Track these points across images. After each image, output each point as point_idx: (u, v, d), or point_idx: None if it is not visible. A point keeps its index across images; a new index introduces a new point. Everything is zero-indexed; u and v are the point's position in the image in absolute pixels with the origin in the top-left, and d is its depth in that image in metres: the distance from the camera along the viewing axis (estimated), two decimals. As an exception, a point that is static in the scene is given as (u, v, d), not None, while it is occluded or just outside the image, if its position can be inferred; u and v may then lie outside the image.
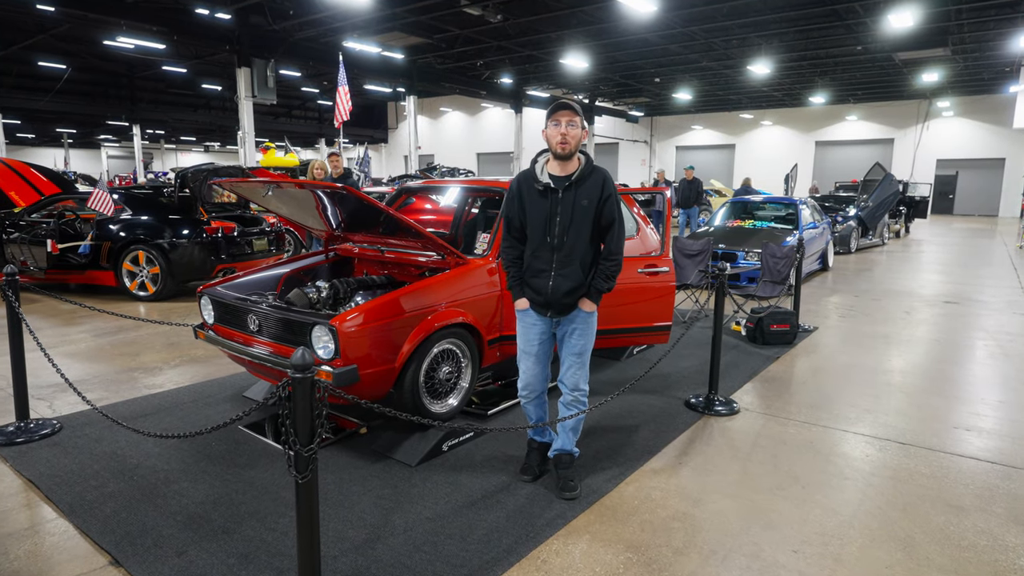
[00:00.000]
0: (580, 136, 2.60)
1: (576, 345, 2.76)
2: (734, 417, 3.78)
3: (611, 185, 2.67)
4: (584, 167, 2.65)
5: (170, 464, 3.04)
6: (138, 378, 4.39)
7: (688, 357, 4.96)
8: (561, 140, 2.58)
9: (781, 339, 5.38)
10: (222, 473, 2.94)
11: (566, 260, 2.65)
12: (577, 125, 2.58)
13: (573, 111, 2.57)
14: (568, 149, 2.59)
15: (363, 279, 3.70)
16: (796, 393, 4.22)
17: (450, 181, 4.58)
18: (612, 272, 2.69)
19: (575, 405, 2.80)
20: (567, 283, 2.65)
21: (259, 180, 3.19)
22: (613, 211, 2.66)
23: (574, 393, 2.79)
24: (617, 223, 2.67)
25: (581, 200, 2.62)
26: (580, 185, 2.63)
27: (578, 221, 2.63)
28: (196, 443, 3.27)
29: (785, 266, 5.82)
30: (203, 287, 3.62)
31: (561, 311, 2.72)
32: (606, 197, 2.65)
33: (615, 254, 2.69)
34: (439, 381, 3.29)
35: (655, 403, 3.94)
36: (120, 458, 3.10)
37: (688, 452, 3.27)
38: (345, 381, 2.81)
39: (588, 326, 2.75)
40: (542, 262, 2.68)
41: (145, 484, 2.85)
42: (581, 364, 2.78)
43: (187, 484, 2.85)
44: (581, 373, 2.79)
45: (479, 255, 3.58)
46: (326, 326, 2.84)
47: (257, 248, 7.60)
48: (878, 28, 15.39)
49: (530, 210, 2.69)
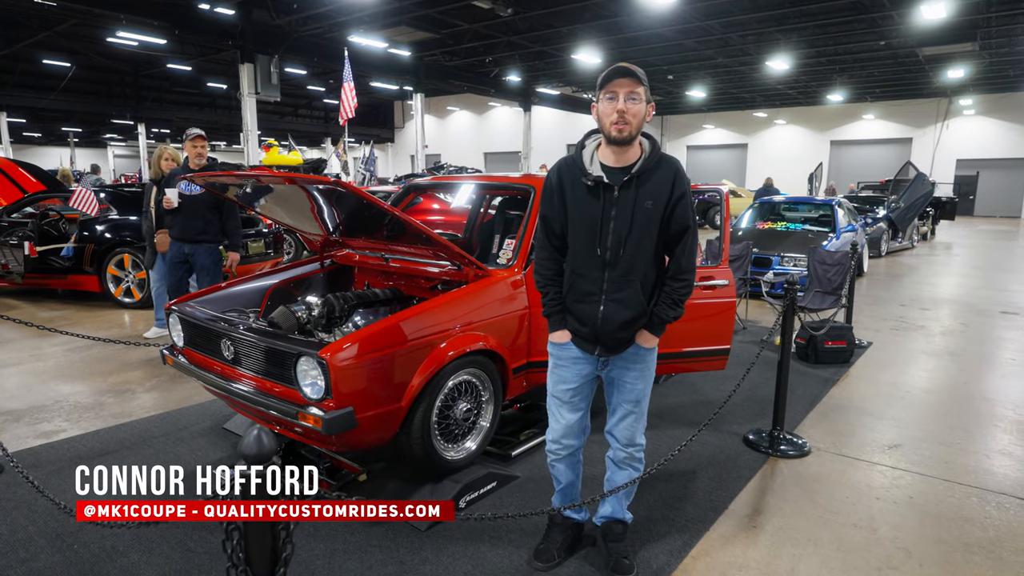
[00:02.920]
0: (644, 114, 1.95)
1: (633, 390, 2.13)
2: (805, 459, 3.16)
3: (684, 180, 2.02)
4: (648, 156, 2.00)
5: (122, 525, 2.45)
6: (105, 403, 3.82)
7: (733, 379, 4.31)
8: (618, 120, 1.92)
9: (837, 358, 4.76)
10: (184, 540, 2.36)
11: (622, 280, 2.01)
12: (640, 99, 1.92)
13: (635, 79, 1.92)
14: (628, 132, 1.93)
15: (364, 293, 3.11)
16: (871, 427, 3.60)
17: (465, 177, 3.98)
18: (681, 296, 2.07)
19: (628, 464, 2.19)
20: (623, 312, 2.02)
21: (235, 173, 2.61)
22: (687, 215, 2.02)
23: (628, 449, 2.18)
24: (691, 231, 2.04)
25: (644, 200, 1.98)
26: (643, 180, 1.99)
27: (640, 228, 1.99)
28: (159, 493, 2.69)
29: (838, 274, 5.19)
30: (172, 302, 3.04)
31: (614, 348, 2.09)
32: (679, 197, 1.99)
33: (686, 272, 2.06)
34: (455, 421, 2.69)
35: (708, 440, 3.34)
36: (63, 517, 2.52)
37: (762, 510, 2.66)
38: (338, 428, 2.22)
39: (647, 366, 2.14)
40: (589, 282, 2.05)
41: (87, 555, 2.27)
42: (639, 414, 2.16)
43: (139, 556, 2.27)
44: (638, 425, 2.17)
45: (502, 265, 2.98)
46: (314, 358, 2.25)
47: (253, 251, 7.04)
48: (905, 21, 14.74)
49: (574, 212, 2.03)
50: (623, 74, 1.91)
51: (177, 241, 4.70)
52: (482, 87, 22.17)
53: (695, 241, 2.06)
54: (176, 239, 4.71)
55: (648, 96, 1.96)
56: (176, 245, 4.71)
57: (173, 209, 4.60)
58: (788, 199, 9.72)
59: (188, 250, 4.69)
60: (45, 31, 17.46)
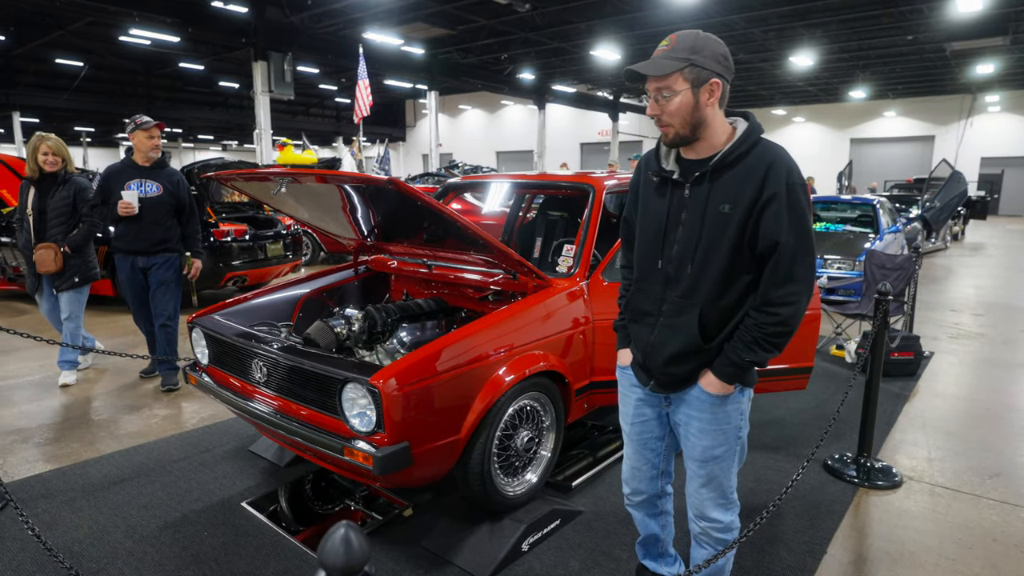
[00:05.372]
0: (691, 104, 1.50)
1: (696, 446, 1.67)
2: (897, 491, 2.82)
3: (781, 177, 1.49)
4: (735, 144, 1.53)
5: (143, 569, 2.16)
6: (120, 421, 3.54)
7: (793, 394, 4.00)
8: (657, 123, 1.55)
9: (903, 370, 4.40)
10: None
11: (682, 303, 1.60)
12: (674, 90, 1.49)
13: (656, 76, 1.50)
14: (672, 133, 1.54)
15: (406, 305, 2.80)
16: (960, 452, 3.25)
17: (509, 176, 3.67)
18: (765, 335, 1.53)
19: (705, 541, 1.75)
20: (674, 341, 1.60)
21: (269, 172, 2.30)
22: (778, 226, 1.48)
23: (700, 523, 1.73)
24: (785, 248, 1.49)
25: (719, 202, 1.53)
26: (721, 176, 1.54)
27: (711, 236, 1.54)
28: (181, 533, 2.40)
29: (899, 279, 4.82)
30: (195, 315, 2.74)
31: (667, 385, 1.67)
32: (768, 199, 1.48)
33: (776, 305, 1.52)
34: (515, 452, 2.38)
35: (784, 466, 3.00)
36: (76, 558, 2.23)
37: (866, 555, 2.32)
38: (393, 467, 1.91)
39: (716, 419, 1.64)
40: (648, 300, 1.67)
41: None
42: (707, 479, 1.68)
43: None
44: (710, 493, 1.69)
45: (562, 274, 2.66)
46: (364, 385, 1.94)
47: (271, 253, 6.76)
48: (935, 15, 14.30)
49: (643, 212, 1.70)
50: (638, 77, 1.51)
51: (129, 255, 3.85)
52: (496, 85, 21.85)
53: (798, 262, 1.50)
54: (127, 252, 3.84)
55: (694, 77, 1.48)
56: (128, 260, 3.85)
57: (128, 216, 3.74)
58: (826, 198, 9.32)
59: (144, 264, 3.85)
60: (58, 30, 17.37)
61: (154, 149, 3.88)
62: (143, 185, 3.83)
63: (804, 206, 1.51)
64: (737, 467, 1.72)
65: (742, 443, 1.70)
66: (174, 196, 3.91)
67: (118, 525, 2.44)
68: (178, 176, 3.98)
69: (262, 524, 2.45)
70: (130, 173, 3.84)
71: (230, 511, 2.54)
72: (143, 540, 2.34)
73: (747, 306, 1.58)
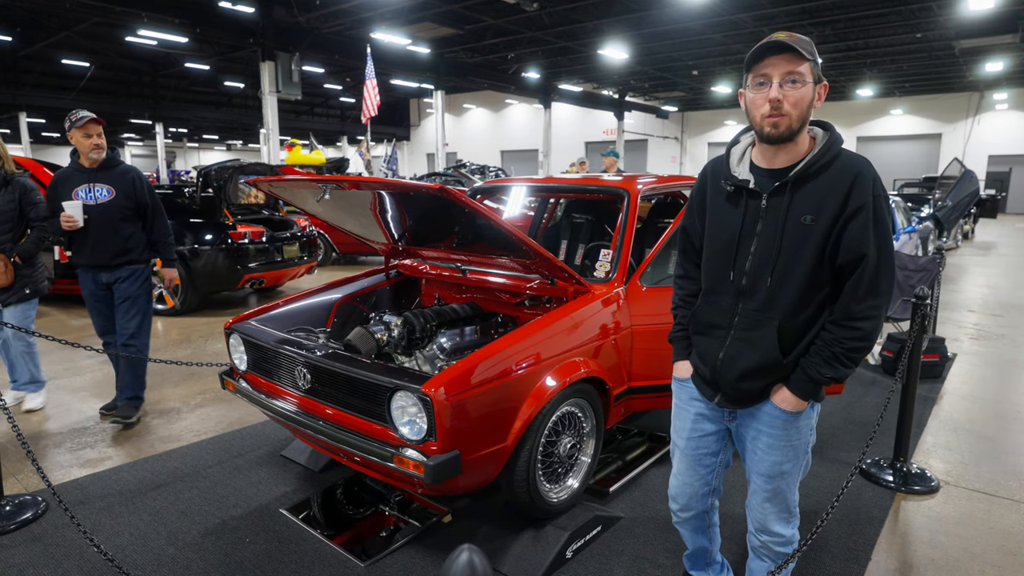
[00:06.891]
0: (811, 99, 1.47)
1: (763, 461, 1.64)
2: (935, 496, 2.81)
3: (867, 189, 1.46)
4: (818, 154, 1.50)
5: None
6: (152, 425, 3.54)
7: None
8: (771, 112, 1.45)
9: (929, 372, 4.38)
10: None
11: (757, 316, 1.56)
12: (804, 79, 1.44)
13: (796, 55, 1.42)
14: (786, 126, 1.46)
15: (442, 310, 2.79)
16: (995, 456, 3.23)
17: (538, 180, 3.66)
18: (845, 350, 1.50)
19: (765, 554, 1.75)
20: (749, 356, 1.57)
21: (312, 179, 2.29)
22: (865, 239, 1.46)
23: (761, 537, 1.72)
24: (870, 261, 1.46)
25: (801, 213, 1.49)
26: (803, 186, 1.50)
27: (790, 251, 1.51)
28: (222, 539, 2.39)
29: (922, 280, 4.81)
30: (233, 320, 2.74)
31: (737, 400, 1.64)
32: (854, 211, 1.45)
33: (858, 320, 1.49)
34: (558, 458, 2.37)
35: (818, 471, 2.99)
36: (116, 565, 2.23)
37: (912, 563, 2.31)
38: (445, 475, 1.91)
39: (787, 435, 1.61)
40: (717, 312, 1.64)
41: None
42: (773, 494, 1.66)
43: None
44: (774, 508, 1.67)
45: (600, 279, 2.65)
46: (415, 394, 1.93)
47: (288, 255, 6.75)
48: (944, 13, 14.25)
49: (712, 222, 1.65)
50: (778, 50, 1.42)
51: (90, 269, 3.39)
52: (502, 84, 21.84)
53: (881, 275, 1.47)
54: (87, 267, 3.39)
55: (818, 74, 1.47)
56: (90, 275, 3.40)
57: (76, 229, 3.25)
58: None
59: (107, 279, 3.40)
60: (64, 31, 17.39)
61: (95, 149, 3.33)
62: (92, 191, 3.32)
63: (888, 219, 1.50)
64: (800, 479, 1.70)
65: (808, 456, 1.69)
66: (130, 198, 3.38)
67: (159, 532, 2.44)
68: (133, 174, 3.45)
69: (302, 530, 2.45)
70: (77, 179, 3.33)
71: (269, 517, 2.54)
72: (186, 547, 2.34)
73: (823, 320, 1.55)
